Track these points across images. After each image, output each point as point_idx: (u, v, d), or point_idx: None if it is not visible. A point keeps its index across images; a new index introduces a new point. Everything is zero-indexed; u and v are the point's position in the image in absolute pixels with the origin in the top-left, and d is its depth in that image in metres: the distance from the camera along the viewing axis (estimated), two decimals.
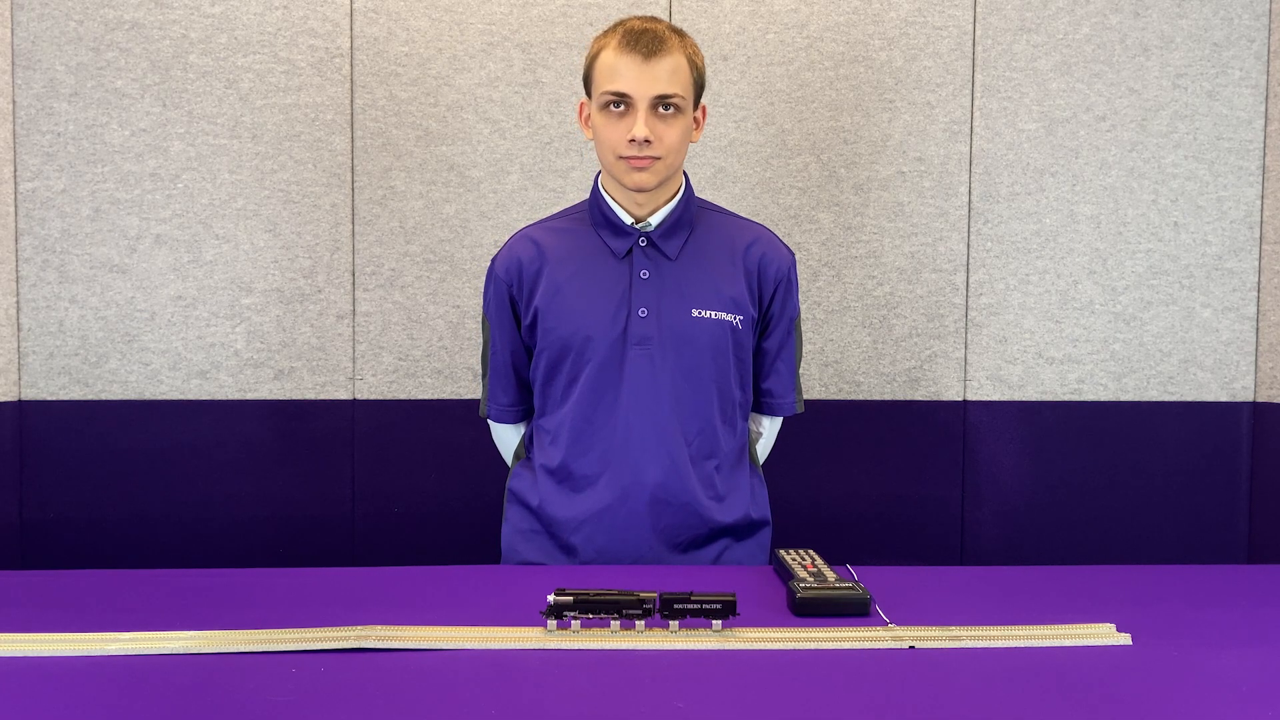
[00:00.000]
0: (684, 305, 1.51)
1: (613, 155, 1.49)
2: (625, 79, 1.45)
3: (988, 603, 1.23)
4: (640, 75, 1.44)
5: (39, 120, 2.17)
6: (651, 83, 1.44)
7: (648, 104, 1.45)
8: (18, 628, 1.12)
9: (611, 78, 1.46)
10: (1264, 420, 2.29)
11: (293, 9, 2.19)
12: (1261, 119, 2.29)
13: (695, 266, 1.54)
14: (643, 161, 1.47)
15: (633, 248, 1.53)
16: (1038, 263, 2.28)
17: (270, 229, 2.20)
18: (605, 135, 1.48)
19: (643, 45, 1.45)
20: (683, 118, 1.48)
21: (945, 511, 2.29)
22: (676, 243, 1.54)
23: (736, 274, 1.55)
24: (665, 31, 1.48)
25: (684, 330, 1.51)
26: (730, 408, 1.56)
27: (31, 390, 2.19)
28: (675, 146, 1.48)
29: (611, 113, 1.47)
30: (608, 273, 1.53)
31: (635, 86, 1.45)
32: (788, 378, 1.64)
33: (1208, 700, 0.94)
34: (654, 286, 1.52)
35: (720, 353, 1.53)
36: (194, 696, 0.94)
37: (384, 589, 1.28)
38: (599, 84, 1.48)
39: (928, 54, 2.25)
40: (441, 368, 2.24)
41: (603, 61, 1.48)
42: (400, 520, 2.24)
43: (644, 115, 1.45)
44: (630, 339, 1.50)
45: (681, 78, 1.47)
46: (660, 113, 1.46)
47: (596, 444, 1.52)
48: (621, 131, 1.46)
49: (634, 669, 1.01)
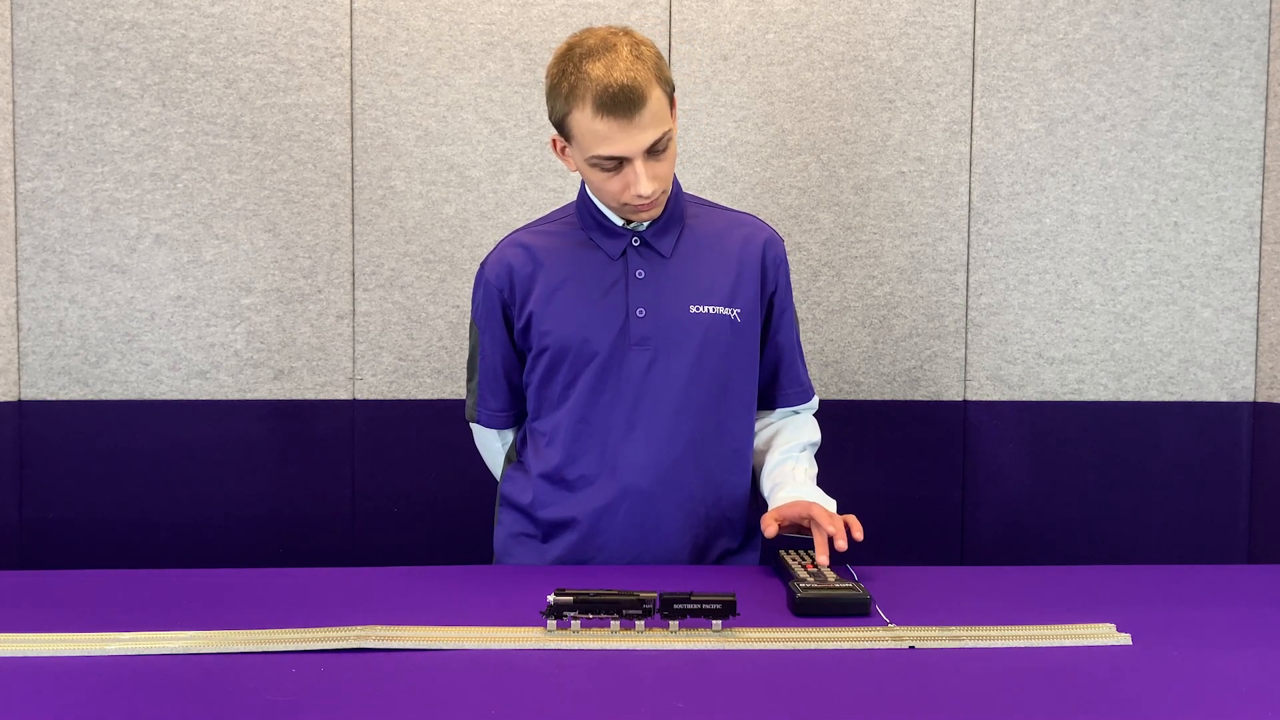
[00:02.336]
0: (681, 302, 1.51)
1: (615, 202, 1.47)
2: (615, 143, 1.39)
3: (988, 603, 1.23)
4: (630, 136, 1.38)
5: (39, 120, 2.17)
6: (640, 138, 1.39)
7: (642, 157, 1.41)
8: (18, 628, 1.12)
9: (598, 143, 1.39)
10: (1264, 420, 2.29)
11: (293, 9, 2.19)
12: (1261, 119, 2.29)
13: (690, 263, 1.53)
14: (649, 203, 1.45)
15: (626, 248, 1.53)
16: (1038, 263, 2.28)
17: (270, 229, 2.20)
18: (603, 187, 1.45)
19: (621, 107, 1.37)
20: (671, 147, 1.44)
21: (945, 511, 2.29)
22: (669, 240, 1.53)
23: (732, 266, 1.55)
24: (634, 73, 1.38)
25: (683, 327, 1.51)
26: (735, 403, 1.55)
27: (31, 390, 2.19)
28: (669, 174, 1.46)
29: (604, 169, 1.43)
30: (603, 274, 1.52)
31: (627, 148, 1.39)
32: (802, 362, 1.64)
33: (1208, 700, 0.94)
34: (650, 285, 1.51)
35: (720, 347, 1.52)
36: (194, 696, 0.94)
37: (384, 589, 1.28)
38: (583, 146, 1.41)
39: (928, 54, 2.25)
40: (441, 368, 2.24)
41: (581, 126, 1.40)
42: (400, 520, 2.24)
43: (642, 169, 1.41)
44: (630, 339, 1.50)
45: (662, 111, 1.41)
46: (652, 154, 1.42)
47: (595, 445, 1.52)
48: (619, 185, 1.43)
49: (634, 669, 1.01)
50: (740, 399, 1.56)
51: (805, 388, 1.65)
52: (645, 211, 1.47)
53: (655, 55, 1.44)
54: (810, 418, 1.67)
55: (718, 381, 1.53)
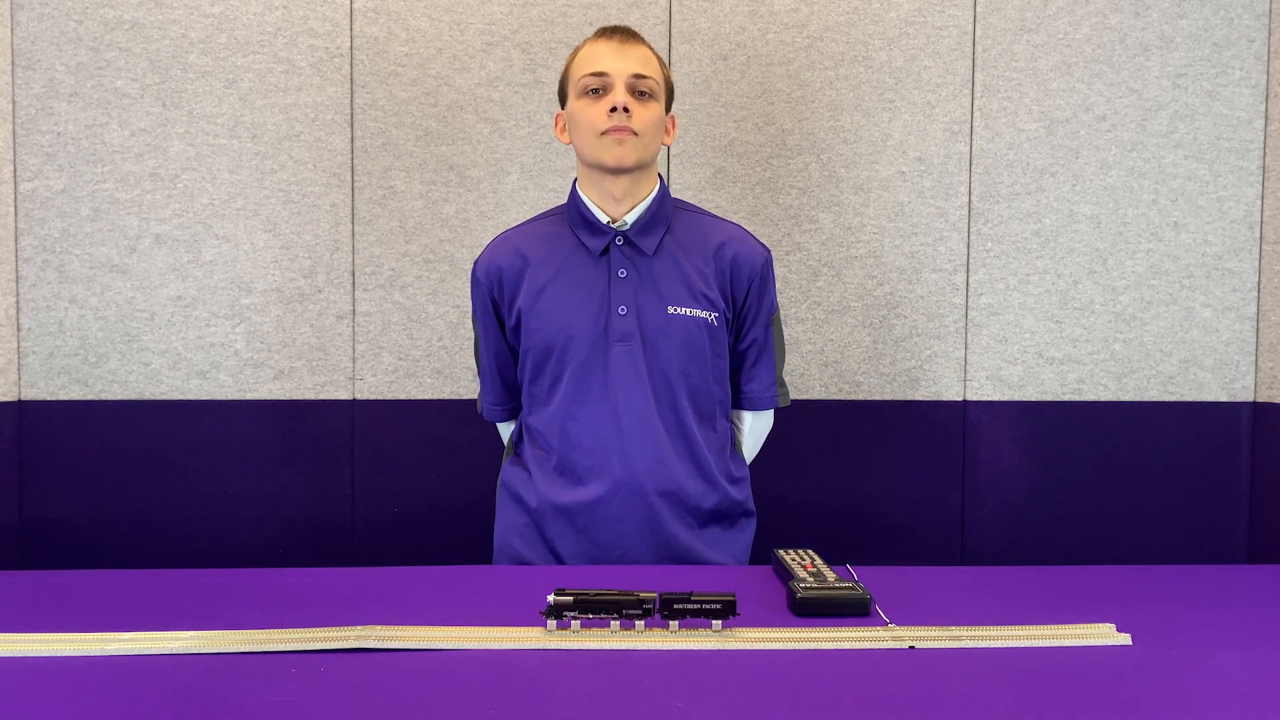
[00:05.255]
0: (661, 302, 1.55)
1: (594, 135, 1.53)
2: (604, 60, 1.54)
3: (988, 603, 1.23)
4: (617, 56, 1.53)
5: (39, 120, 2.17)
6: (629, 62, 1.53)
7: (625, 82, 1.52)
8: (18, 628, 1.12)
9: (590, 62, 1.55)
10: (1264, 420, 2.29)
11: (293, 9, 2.19)
12: (1261, 119, 2.29)
13: (671, 264, 1.57)
14: (623, 133, 1.52)
15: (609, 246, 1.56)
16: (1038, 263, 2.28)
17: (270, 229, 2.20)
18: (586, 116, 1.54)
19: (619, 34, 1.56)
20: (656, 105, 1.56)
21: (945, 511, 2.29)
22: (652, 240, 1.57)
23: (710, 272, 1.58)
24: (634, 30, 1.59)
25: (661, 327, 1.54)
26: (709, 403, 1.60)
27: (31, 390, 2.19)
28: (651, 127, 1.54)
29: (590, 97, 1.54)
30: (587, 272, 1.56)
31: (613, 64, 1.53)
32: (768, 374, 1.67)
33: (1208, 700, 0.94)
34: (632, 284, 1.55)
35: (697, 349, 1.56)
36: (194, 696, 0.94)
37: (384, 589, 1.28)
38: (578, 74, 1.56)
39: (928, 54, 2.25)
40: (441, 368, 2.24)
41: (580, 55, 1.58)
42: (400, 520, 2.24)
43: (622, 88, 1.53)
44: (612, 336, 1.54)
45: (654, 68, 1.56)
46: (637, 96, 1.53)
47: (583, 440, 1.55)
48: (602, 108, 1.53)
49: (634, 669, 1.01)
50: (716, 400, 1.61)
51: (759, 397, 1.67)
52: (620, 147, 1.52)
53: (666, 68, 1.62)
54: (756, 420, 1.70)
55: (696, 381, 1.57)
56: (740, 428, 1.69)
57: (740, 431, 1.69)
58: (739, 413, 1.69)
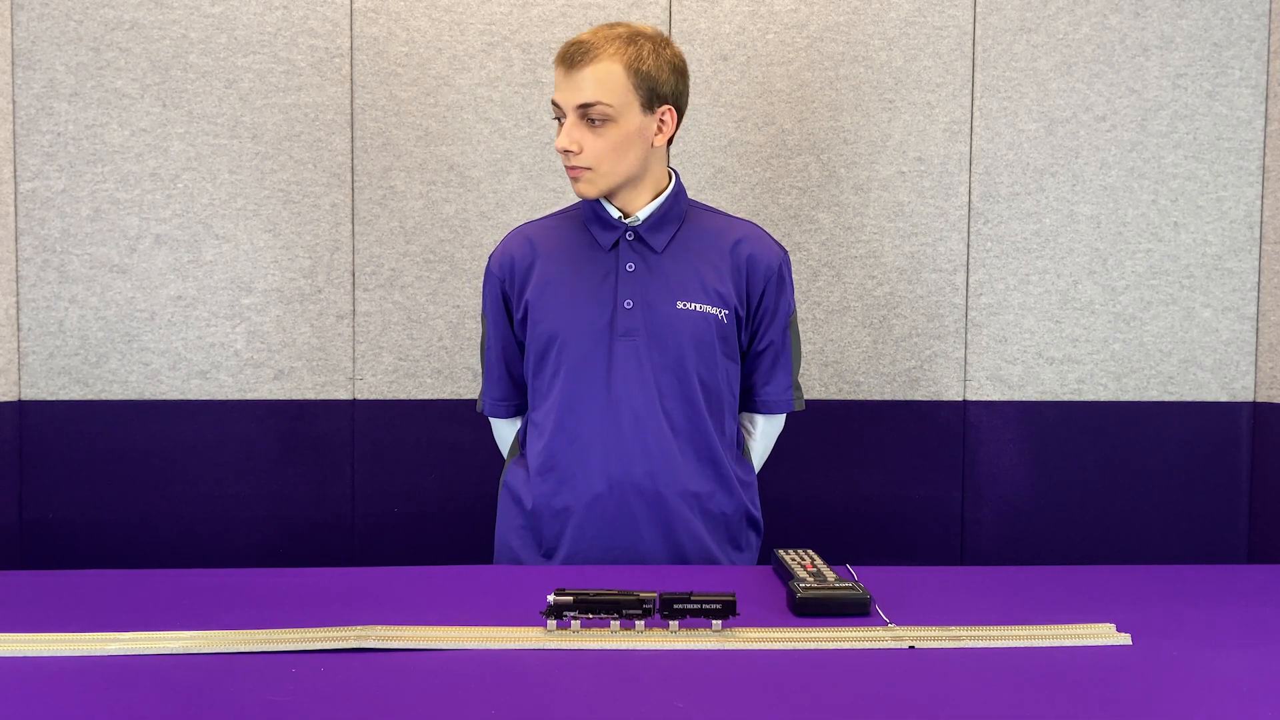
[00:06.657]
0: (669, 297, 1.53)
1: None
2: (558, 88, 1.49)
3: (988, 603, 1.23)
4: (564, 86, 1.48)
5: (39, 120, 2.17)
6: (574, 93, 1.47)
7: (574, 115, 1.48)
8: (18, 628, 1.12)
9: (555, 88, 1.50)
10: (1264, 420, 2.29)
11: (293, 9, 2.19)
12: (1261, 119, 2.29)
13: (681, 260, 1.56)
14: (574, 172, 1.50)
15: (619, 240, 1.55)
16: (1038, 263, 2.28)
17: (270, 229, 2.20)
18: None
19: (567, 57, 1.47)
20: (615, 126, 1.48)
21: (945, 511, 2.29)
22: (663, 236, 1.56)
23: (723, 269, 1.56)
24: (596, 38, 1.47)
25: (668, 322, 1.53)
26: (715, 400, 1.57)
27: (31, 390, 2.19)
28: (604, 155, 1.49)
29: (559, 124, 1.51)
30: (595, 266, 1.55)
31: (561, 96, 1.49)
32: (785, 378, 1.64)
33: (1208, 700, 0.94)
34: (639, 279, 1.54)
35: (705, 345, 1.54)
36: (194, 696, 0.94)
37: (384, 589, 1.28)
38: None
39: (928, 54, 2.25)
40: (441, 368, 2.24)
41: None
42: (400, 520, 2.24)
43: (569, 126, 1.48)
44: (616, 330, 1.53)
45: (610, 84, 1.46)
46: (590, 124, 1.48)
47: (582, 435, 1.54)
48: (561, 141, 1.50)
49: (634, 669, 1.01)
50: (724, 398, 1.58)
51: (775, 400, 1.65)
52: (576, 183, 1.51)
53: (651, 47, 1.49)
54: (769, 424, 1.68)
55: (702, 378, 1.55)
56: (751, 431, 1.67)
57: (750, 436, 1.67)
58: (750, 416, 1.67)
